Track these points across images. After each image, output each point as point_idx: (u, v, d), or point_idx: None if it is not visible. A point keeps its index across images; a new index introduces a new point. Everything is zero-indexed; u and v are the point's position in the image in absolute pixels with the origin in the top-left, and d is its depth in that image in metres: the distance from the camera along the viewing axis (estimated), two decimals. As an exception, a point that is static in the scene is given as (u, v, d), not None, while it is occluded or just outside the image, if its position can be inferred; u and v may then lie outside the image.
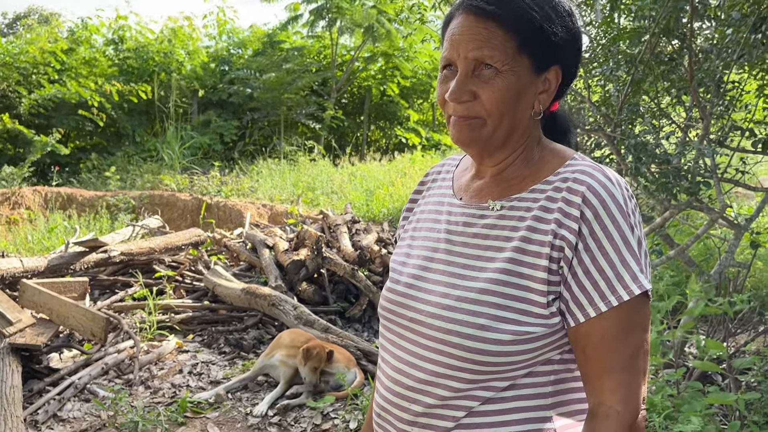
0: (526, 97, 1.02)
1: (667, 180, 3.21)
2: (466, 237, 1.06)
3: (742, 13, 3.44)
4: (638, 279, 0.93)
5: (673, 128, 4.05)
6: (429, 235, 1.14)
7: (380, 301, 1.15)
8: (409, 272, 1.11)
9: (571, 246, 0.95)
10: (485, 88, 0.99)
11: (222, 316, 5.06)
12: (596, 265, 0.94)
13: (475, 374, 0.98)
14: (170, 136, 12.45)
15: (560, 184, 0.99)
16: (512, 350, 0.96)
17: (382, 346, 1.14)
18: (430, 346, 1.01)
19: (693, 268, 4.34)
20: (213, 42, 15.92)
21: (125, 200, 8.94)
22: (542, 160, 1.06)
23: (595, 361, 0.96)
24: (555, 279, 0.97)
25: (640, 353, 0.97)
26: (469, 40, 0.99)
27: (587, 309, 0.95)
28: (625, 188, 0.98)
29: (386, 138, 16.12)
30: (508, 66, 0.98)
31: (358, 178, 10.63)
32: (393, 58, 15.09)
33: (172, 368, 4.27)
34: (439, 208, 1.16)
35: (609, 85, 3.93)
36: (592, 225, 0.94)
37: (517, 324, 0.96)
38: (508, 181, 1.07)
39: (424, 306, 1.04)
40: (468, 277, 1.02)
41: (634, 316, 0.95)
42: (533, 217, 0.99)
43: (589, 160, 1.03)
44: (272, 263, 5.42)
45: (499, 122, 1.00)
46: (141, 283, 5.27)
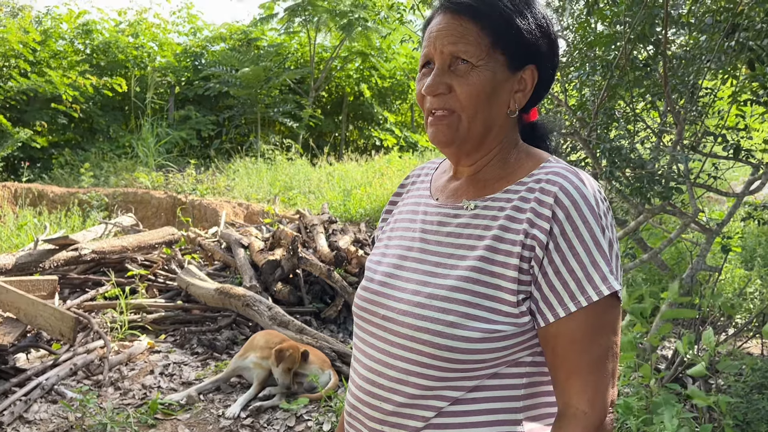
0: (501, 94, 1.03)
1: (641, 184, 3.24)
2: (440, 236, 1.07)
3: (715, 19, 3.49)
4: (608, 280, 0.94)
5: (647, 133, 4.09)
6: (404, 235, 1.15)
7: (354, 300, 1.16)
8: (383, 270, 1.12)
9: (542, 245, 0.95)
10: (460, 81, 1.01)
11: (195, 316, 4.99)
12: (566, 266, 0.94)
13: (444, 371, 0.98)
14: (146, 132, 12.27)
15: (533, 185, 1.00)
16: (481, 348, 0.96)
17: (355, 345, 1.14)
18: (400, 343, 1.01)
19: (666, 271, 4.40)
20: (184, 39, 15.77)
21: (98, 197, 8.78)
22: (518, 161, 1.07)
23: (563, 362, 0.97)
24: (526, 278, 0.97)
25: (609, 355, 0.97)
26: (445, 35, 1.02)
27: (557, 309, 0.95)
28: (597, 190, 0.99)
29: (364, 138, 16.09)
30: (483, 61, 1.00)
31: (336, 177, 10.59)
32: (370, 58, 15.07)
33: (143, 369, 4.20)
34: (415, 209, 1.17)
35: (585, 89, 3.96)
36: (564, 225, 0.94)
37: (487, 322, 0.96)
38: (483, 181, 1.08)
39: (396, 303, 1.04)
40: (440, 275, 1.03)
41: (603, 317, 0.95)
42: (506, 216, 1.00)
43: (563, 163, 1.04)
44: (247, 263, 5.36)
45: (474, 117, 1.02)
46: (113, 282, 5.17)
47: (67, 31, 14.09)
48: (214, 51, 15.27)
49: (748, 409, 3.00)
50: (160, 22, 15.39)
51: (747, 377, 3.38)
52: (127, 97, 13.58)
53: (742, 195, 4.11)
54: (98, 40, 14.07)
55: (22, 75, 12.15)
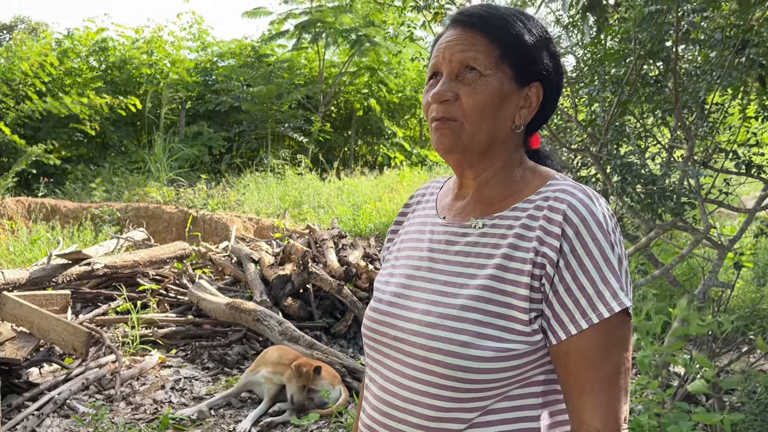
0: (507, 106, 1.04)
1: (652, 200, 3.24)
2: (449, 255, 1.07)
3: (724, 35, 3.50)
4: (618, 296, 0.94)
5: (658, 149, 4.10)
6: (412, 254, 1.15)
7: (364, 321, 1.15)
8: (391, 291, 1.12)
9: (553, 263, 0.95)
10: (467, 90, 1.02)
11: (206, 331, 5.01)
12: (577, 283, 0.94)
13: (458, 392, 0.97)
14: (158, 147, 12.39)
15: (541, 203, 1.00)
16: (494, 367, 0.96)
17: (367, 365, 1.14)
18: (413, 364, 1.01)
19: (677, 287, 4.37)
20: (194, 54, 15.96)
21: (110, 212, 8.86)
22: (524, 179, 1.08)
23: (576, 380, 0.96)
24: (537, 296, 0.97)
25: (621, 371, 0.96)
26: (456, 45, 1.04)
27: (568, 326, 0.95)
28: (605, 207, 1.00)
29: (372, 153, 16.16)
30: (491, 71, 1.02)
31: (346, 192, 10.62)
32: (378, 73, 15.17)
33: (155, 384, 4.21)
34: (422, 228, 1.17)
35: (595, 105, 3.98)
36: (573, 242, 0.95)
37: (499, 341, 0.96)
38: (489, 199, 1.08)
39: (407, 324, 1.04)
40: (450, 294, 1.02)
41: (614, 333, 0.95)
42: (515, 234, 1.00)
43: (570, 180, 1.05)
44: (257, 278, 5.38)
45: (478, 126, 1.02)
46: (124, 297, 5.20)
47: (84, 50, 14.30)
48: (224, 66, 15.44)
49: (762, 428, 2.97)
50: (174, 39, 15.59)
51: (761, 395, 3.35)
52: (140, 112, 13.73)
53: (755, 210, 4.10)
54: (114, 57, 14.26)
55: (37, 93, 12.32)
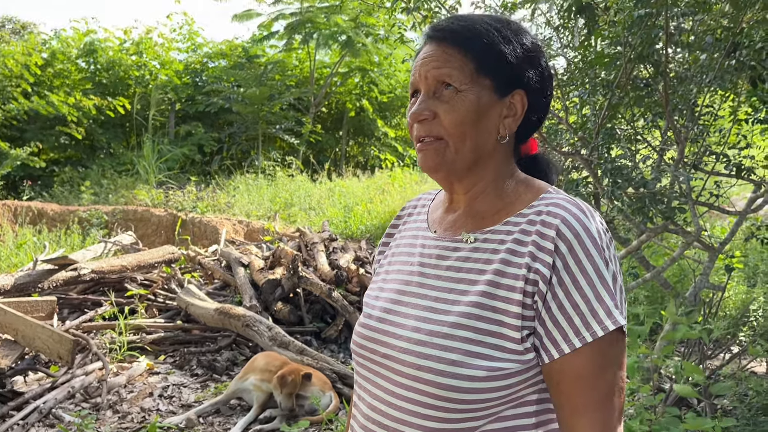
0: (489, 118, 1.02)
1: (643, 204, 3.22)
2: (440, 270, 1.05)
3: (715, 38, 3.49)
4: (612, 314, 0.91)
5: (648, 151, 4.08)
6: (402, 269, 1.12)
7: (353, 337, 1.13)
8: (381, 306, 1.09)
9: (546, 280, 0.93)
10: (445, 108, 1.00)
11: (195, 337, 4.95)
12: (570, 300, 0.92)
13: (448, 412, 0.94)
14: (147, 149, 12.29)
15: (534, 217, 0.98)
16: (485, 387, 0.93)
17: (356, 383, 1.12)
18: (402, 382, 0.98)
19: (668, 290, 4.36)
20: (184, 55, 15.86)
21: (98, 215, 8.77)
22: (516, 193, 1.05)
23: (569, 400, 0.94)
24: (529, 314, 0.94)
25: (616, 391, 0.94)
26: (430, 62, 1.02)
27: (561, 345, 0.92)
28: (599, 221, 0.97)
29: (364, 155, 16.12)
30: (467, 86, 1.00)
31: (337, 194, 10.58)
32: (369, 74, 15.14)
33: (142, 391, 4.15)
34: (413, 242, 1.15)
35: (586, 108, 3.96)
36: (566, 259, 0.92)
37: (490, 360, 0.94)
38: (481, 213, 1.06)
39: (396, 341, 1.01)
40: (440, 310, 1.00)
41: (608, 352, 0.93)
42: (507, 249, 0.97)
43: (563, 194, 1.03)
44: (247, 282, 5.33)
45: (461, 143, 1.00)
46: (111, 302, 5.14)
47: (72, 51, 14.17)
48: (214, 67, 15.35)
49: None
50: (164, 41, 15.49)
51: (752, 399, 3.34)
52: (129, 114, 13.62)
53: (745, 213, 4.10)
54: (102, 59, 14.15)
55: (23, 95, 12.20)
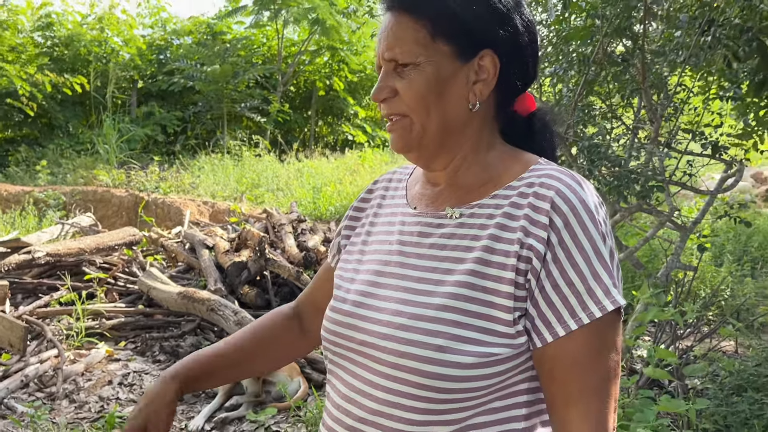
0: (454, 87, 0.93)
1: (619, 183, 3.16)
2: (422, 248, 0.96)
3: (690, 16, 3.43)
4: (611, 294, 0.84)
5: (623, 130, 4.03)
6: (380, 248, 1.02)
7: (324, 323, 1.02)
8: (356, 289, 0.99)
9: (540, 257, 0.85)
10: (403, 83, 0.93)
11: (157, 322, 4.77)
12: (565, 279, 0.84)
13: (433, 403, 0.85)
14: (107, 128, 11.86)
15: (526, 189, 0.90)
16: (475, 374, 0.84)
17: (329, 371, 1.02)
18: (382, 371, 0.89)
19: (640, 270, 4.35)
20: (148, 31, 15.35)
21: (55, 196, 8.43)
22: (503, 164, 0.97)
23: (563, 387, 0.86)
24: (521, 294, 0.86)
25: (612, 377, 0.86)
26: (384, 39, 0.95)
27: (555, 328, 0.85)
28: (595, 194, 0.90)
29: (334, 134, 15.89)
30: (424, 57, 0.92)
31: (306, 174, 10.40)
32: (339, 52, 14.88)
33: (101, 379, 3.98)
34: (391, 219, 1.05)
35: (560, 85, 3.88)
36: (562, 233, 0.85)
37: (480, 344, 0.85)
38: (466, 186, 0.97)
39: (375, 326, 0.91)
40: (424, 292, 0.90)
41: (606, 335, 0.85)
42: (496, 224, 0.89)
43: (555, 165, 0.94)
44: (212, 265, 5.16)
45: (426, 117, 0.93)
46: (68, 287, 4.92)
47: (27, 24, 13.57)
48: (178, 45, 14.88)
49: (727, 412, 2.95)
50: (127, 17, 14.95)
51: (724, 379, 3.34)
52: (88, 92, 13.14)
53: (716, 192, 4.08)
54: (60, 33, 13.58)
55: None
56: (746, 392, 3.06)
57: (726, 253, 6.33)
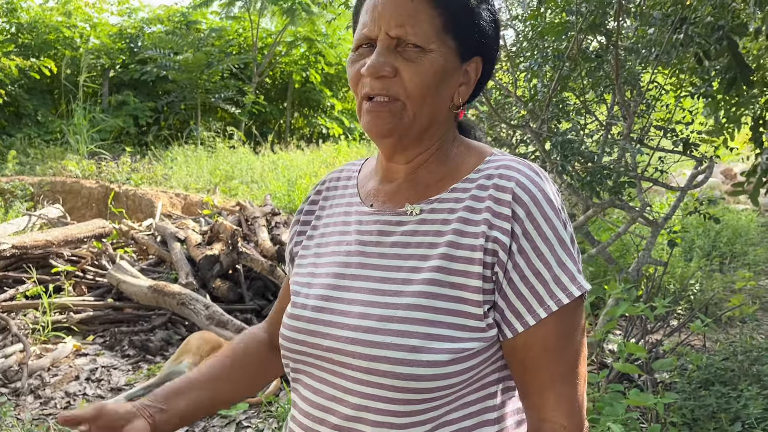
0: (449, 84, 0.92)
1: (592, 179, 3.17)
2: (383, 247, 0.93)
3: (663, 13, 3.45)
4: (576, 280, 0.85)
5: (596, 126, 4.05)
6: (337, 249, 0.99)
7: (282, 331, 0.98)
8: (316, 294, 0.96)
9: (505, 248, 0.85)
10: (409, 66, 0.88)
11: (127, 316, 4.69)
12: (532, 269, 0.85)
13: (408, 404, 0.84)
14: (78, 117, 11.59)
15: (484, 182, 0.90)
16: (449, 371, 0.84)
17: (294, 381, 0.98)
18: (354, 377, 0.87)
19: (612, 265, 4.39)
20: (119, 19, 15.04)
21: (22, 187, 8.22)
22: (459, 157, 0.97)
23: (535, 375, 0.87)
24: (489, 287, 0.86)
25: (580, 360, 0.89)
26: (392, 15, 0.88)
27: (525, 317, 0.85)
28: (552, 182, 0.90)
29: (310, 126, 15.78)
30: (435, 45, 0.89)
31: (280, 167, 10.30)
32: (316, 44, 14.76)
33: (68, 374, 3.89)
34: (346, 219, 1.02)
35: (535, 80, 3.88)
36: (525, 224, 0.85)
37: (452, 341, 0.84)
38: (424, 181, 0.96)
39: (342, 331, 0.89)
40: (390, 292, 0.88)
41: (572, 320, 0.87)
42: (459, 218, 0.89)
43: (509, 155, 0.94)
44: (183, 258, 5.08)
45: (420, 108, 0.90)
46: (35, 280, 4.81)
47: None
48: (151, 33, 14.60)
49: (695, 406, 2.99)
50: (95, 1, 14.61)
51: (691, 373, 3.38)
52: (57, 79, 12.82)
53: (687, 188, 4.14)
54: (24, 18, 13.22)
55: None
56: (713, 386, 3.11)
57: (696, 248, 6.44)
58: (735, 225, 7.17)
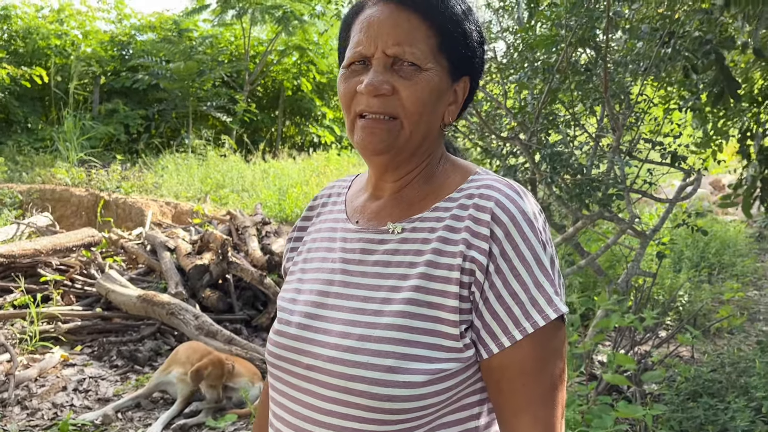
0: (442, 103, 0.94)
1: (581, 191, 3.19)
2: (366, 266, 0.94)
3: (651, 27, 3.49)
4: (553, 302, 0.84)
5: (585, 138, 4.08)
6: (322, 266, 0.99)
7: (268, 347, 0.99)
8: (301, 310, 0.96)
9: (483, 268, 0.85)
10: (407, 84, 0.89)
11: (116, 326, 4.66)
12: (508, 289, 0.84)
13: (385, 425, 0.84)
14: (68, 125, 11.53)
15: (465, 201, 0.90)
16: (426, 392, 0.83)
17: (272, 399, 0.97)
18: (331, 396, 0.86)
19: (601, 276, 4.41)
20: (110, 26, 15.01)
21: (11, 194, 8.16)
22: (443, 175, 0.97)
23: (511, 397, 0.86)
24: (466, 306, 0.85)
25: (558, 384, 0.87)
26: (389, 33, 0.89)
27: (501, 338, 0.84)
28: (534, 202, 0.90)
29: (301, 135, 15.78)
30: (432, 64, 0.90)
31: (271, 175, 10.29)
32: (307, 53, 14.78)
33: (55, 385, 3.86)
34: (332, 235, 1.02)
35: (525, 92, 3.90)
36: (503, 244, 0.85)
37: (429, 361, 0.84)
38: (408, 200, 0.96)
39: (322, 350, 0.89)
40: (370, 311, 0.89)
41: (550, 343, 0.86)
42: (438, 238, 0.89)
43: (493, 174, 0.94)
44: (173, 267, 5.06)
45: (417, 126, 0.91)
46: (22, 289, 4.77)
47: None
48: (142, 41, 14.58)
49: (683, 418, 3.00)
50: (87, 9, 14.58)
51: (680, 384, 3.40)
52: (48, 87, 12.77)
53: (675, 200, 4.16)
54: (17, 25, 13.17)
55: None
56: (701, 398, 3.12)
57: (684, 259, 6.47)
58: (723, 236, 7.22)
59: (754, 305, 5.57)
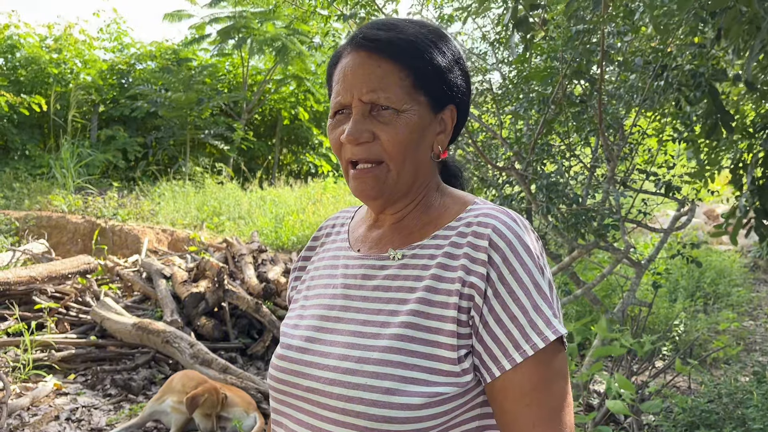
0: (427, 137, 0.96)
1: (577, 221, 3.22)
2: (366, 290, 0.96)
3: (644, 60, 3.56)
4: (552, 324, 0.86)
5: (580, 168, 4.12)
6: (324, 293, 1.02)
7: (270, 370, 1.01)
8: (301, 335, 0.98)
9: (481, 293, 0.86)
10: (386, 129, 0.92)
11: (110, 354, 4.61)
12: (508, 313, 0.86)
13: None
14: (65, 152, 11.58)
15: (464, 229, 0.92)
16: (423, 415, 0.84)
17: (275, 422, 0.99)
18: (329, 417, 0.88)
19: (597, 305, 4.41)
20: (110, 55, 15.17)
21: (8, 221, 8.15)
22: (442, 205, 1.00)
23: (514, 420, 0.86)
24: (465, 331, 0.87)
25: (564, 405, 0.87)
26: (363, 81, 0.93)
27: (502, 361, 0.86)
28: (530, 229, 0.93)
29: (298, 163, 15.86)
30: (408, 105, 0.93)
31: (268, 203, 10.31)
32: (305, 82, 14.95)
33: (48, 414, 3.81)
34: (334, 263, 1.05)
35: (520, 123, 3.96)
36: (501, 269, 0.87)
37: (427, 384, 0.85)
38: (408, 228, 0.99)
39: (322, 372, 0.91)
40: (369, 335, 0.91)
41: (551, 365, 0.87)
42: (438, 264, 0.91)
43: (491, 204, 0.97)
44: (169, 295, 5.04)
45: (402, 166, 0.94)
46: (17, 317, 4.73)
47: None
48: (142, 69, 14.73)
49: (681, 449, 2.98)
50: (86, 38, 14.75)
51: (677, 415, 3.38)
52: (47, 114, 12.85)
53: (669, 230, 4.19)
54: (21, 54, 13.32)
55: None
56: (699, 429, 3.10)
57: (680, 288, 6.49)
58: (719, 266, 7.25)
59: (750, 335, 5.57)
